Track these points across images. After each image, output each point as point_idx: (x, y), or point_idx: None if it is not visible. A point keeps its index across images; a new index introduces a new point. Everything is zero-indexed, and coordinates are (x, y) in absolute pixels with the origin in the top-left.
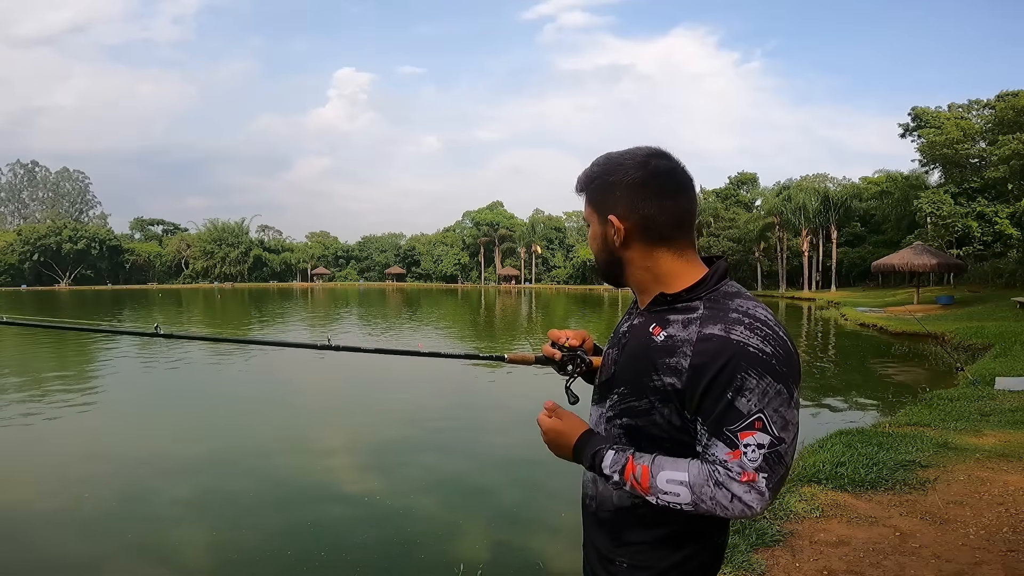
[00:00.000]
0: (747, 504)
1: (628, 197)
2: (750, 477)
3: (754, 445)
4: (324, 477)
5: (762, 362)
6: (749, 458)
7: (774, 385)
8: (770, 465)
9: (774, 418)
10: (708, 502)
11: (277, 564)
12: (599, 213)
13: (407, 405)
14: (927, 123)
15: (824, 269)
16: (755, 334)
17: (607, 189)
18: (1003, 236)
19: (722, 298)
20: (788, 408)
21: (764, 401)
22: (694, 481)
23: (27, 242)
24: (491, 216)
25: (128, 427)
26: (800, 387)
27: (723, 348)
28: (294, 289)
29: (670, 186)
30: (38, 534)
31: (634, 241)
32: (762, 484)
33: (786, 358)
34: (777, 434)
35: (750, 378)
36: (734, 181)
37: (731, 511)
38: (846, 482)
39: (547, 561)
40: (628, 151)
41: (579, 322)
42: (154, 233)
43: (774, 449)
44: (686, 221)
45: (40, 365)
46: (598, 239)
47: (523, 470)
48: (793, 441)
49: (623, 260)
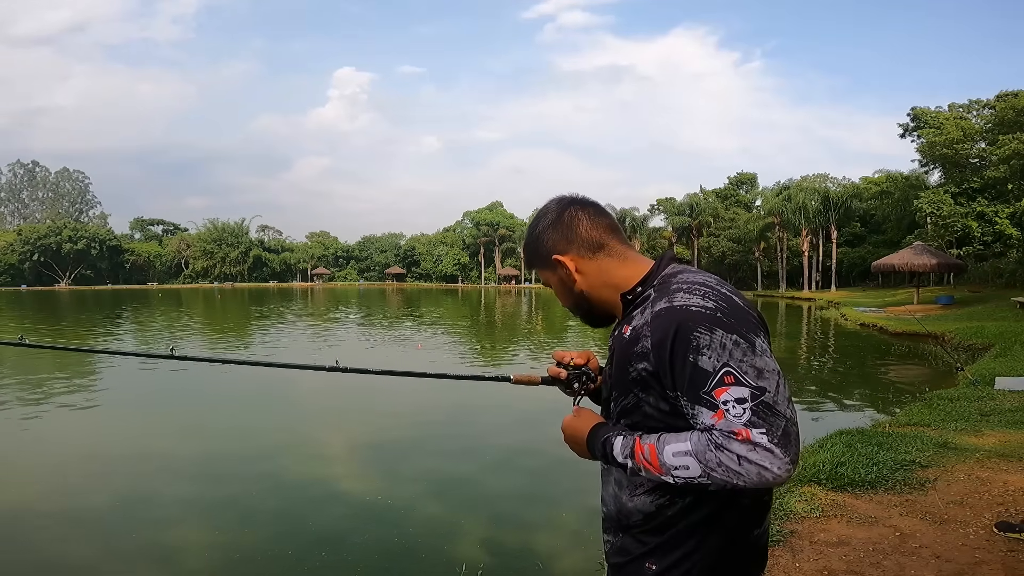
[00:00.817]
0: (759, 465)
1: (556, 235)
2: (744, 434)
3: (732, 400)
4: (325, 477)
5: (707, 317)
6: (733, 415)
7: (728, 336)
8: (763, 418)
9: (744, 368)
10: (718, 470)
11: (278, 564)
12: (547, 266)
13: (408, 406)
14: (927, 123)
15: (824, 269)
16: (694, 295)
17: (540, 241)
18: (1003, 236)
19: (667, 278)
20: (755, 356)
21: (724, 354)
22: (696, 449)
23: (27, 242)
24: (491, 216)
25: (128, 427)
26: (767, 340)
27: (670, 316)
28: (294, 289)
29: (578, 208)
30: (38, 534)
31: (583, 265)
32: (763, 439)
33: (732, 310)
34: (755, 383)
35: (702, 335)
36: (734, 181)
37: (747, 476)
38: (846, 482)
39: (547, 561)
40: (535, 215)
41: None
42: (154, 233)
43: (758, 400)
44: (611, 227)
45: (40, 365)
46: (562, 289)
47: (524, 471)
48: (779, 389)
49: (585, 292)
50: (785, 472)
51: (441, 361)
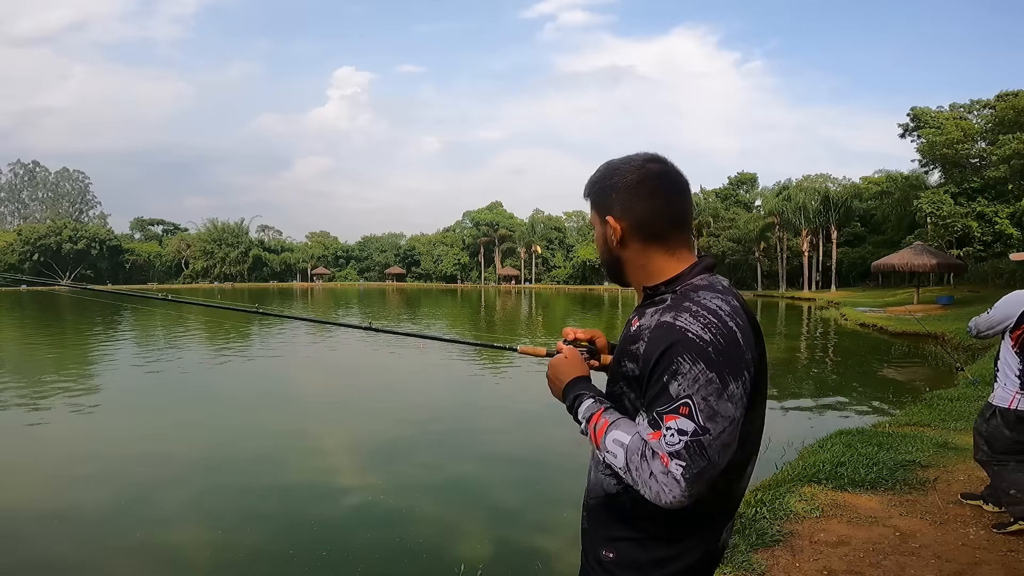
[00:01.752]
0: (662, 487)
1: (623, 199)
2: (665, 461)
3: (675, 429)
4: (325, 477)
5: (697, 348)
6: (667, 441)
7: (706, 373)
8: (690, 454)
9: (701, 406)
10: (634, 472)
11: (280, 564)
12: (600, 215)
13: (408, 405)
14: (927, 123)
15: (824, 269)
16: (698, 321)
17: (606, 192)
18: (1003, 236)
19: (690, 290)
20: (719, 399)
21: (694, 387)
22: (630, 447)
23: (27, 242)
24: (491, 216)
25: (129, 427)
26: (747, 384)
27: (668, 334)
28: (294, 289)
29: (663, 187)
30: (39, 534)
31: (630, 240)
32: (677, 471)
33: (725, 348)
34: (702, 423)
35: (684, 363)
36: (734, 181)
37: (649, 490)
38: (846, 482)
39: (548, 561)
40: (627, 157)
41: (579, 322)
42: (154, 233)
43: (696, 439)
44: (679, 220)
45: (40, 365)
46: (600, 240)
47: (524, 470)
48: (722, 435)
49: (622, 259)
50: (677, 503)
51: (442, 361)
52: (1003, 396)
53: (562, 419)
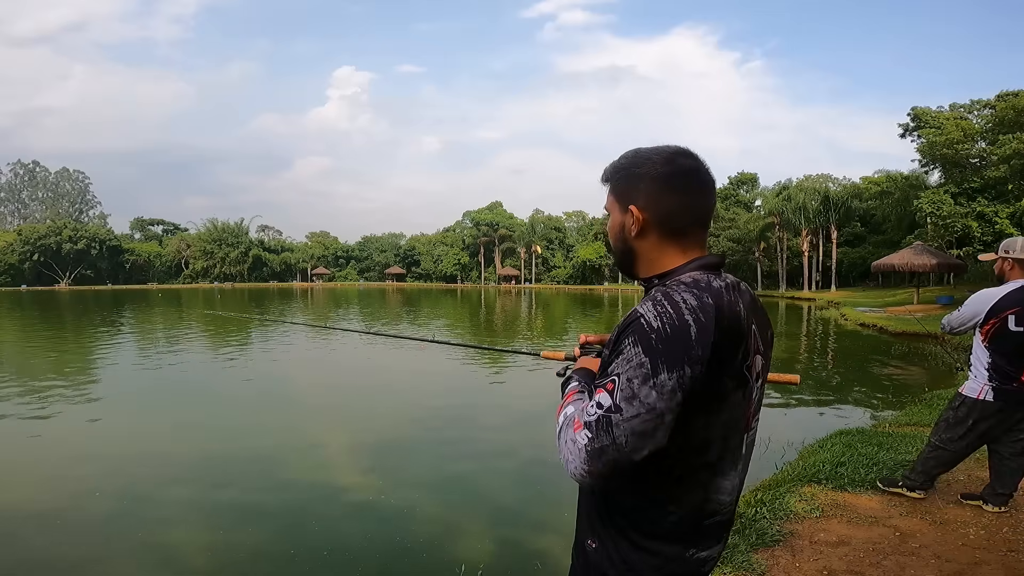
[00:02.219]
0: (567, 455)
1: (651, 190)
2: (577, 427)
3: (596, 402)
4: (326, 476)
5: (642, 332)
6: (587, 411)
7: (640, 356)
8: (596, 428)
9: (624, 385)
10: (558, 439)
11: (281, 564)
12: (621, 203)
13: (408, 405)
14: (927, 123)
15: (824, 269)
16: (655, 309)
17: (632, 180)
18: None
19: (672, 284)
20: (642, 384)
21: (624, 367)
22: (567, 415)
23: (27, 242)
24: (491, 216)
25: (129, 427)
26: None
27: (628, 319)
28: (294, 289)
29: (691, 184)
30: (39, 534)
31: (649, 233)
32: (582, 440)
33: (668, 337)
34: (617, 401)
35: (627, 344)
36: (734, 181)
37: (561, 455)
38: (846, 482)
39: (548, 561)
40: (656, 148)
41: (579, 322)
42: (154, 233)
43: (608, 415)
44: (702, 219)
45: (40, 365)
46: (616, 229)
47: (525, 470)
48: (633, 420)
49: (635, 250)
50: (579, 476)
51: (441, 360)
52: (973, 387)
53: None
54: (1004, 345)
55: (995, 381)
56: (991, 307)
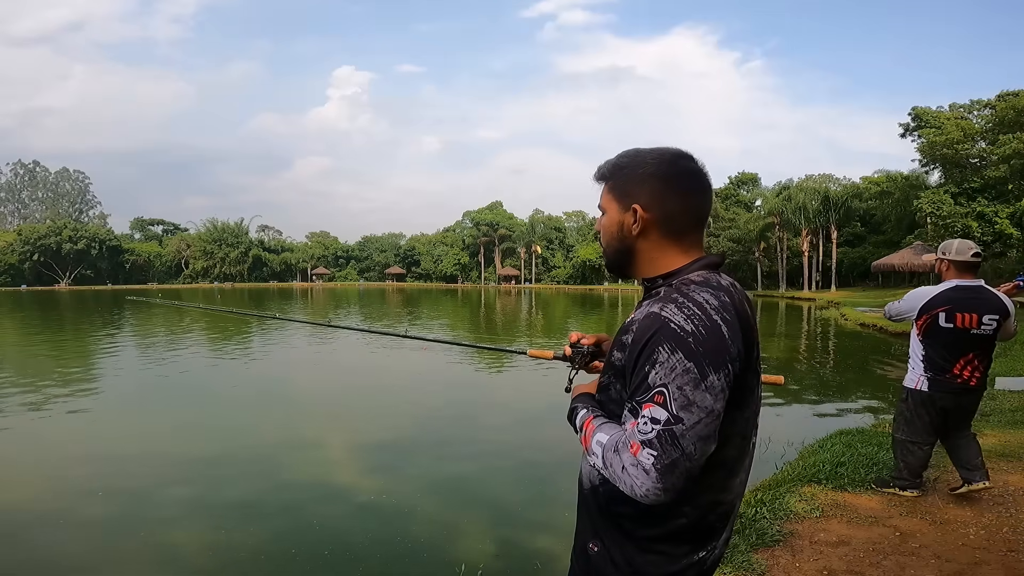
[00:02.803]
0: (633, 479)
1: (655, 190)
2: (635, 449)
3: (649, 418)
4: (326, 477)
5: (677, 338)
6: (640, 429)
7: (684, 362)
8: (661, 444)
9: (676, 395)
10: (609, 468)
11: (283, 563)
12: (621, 202)
13: (408, 405)
14: (927, 123)
15: (824, 269)
16: (681, 312)
17: (635, 179)
18: (1003, 236)
19: (683, 284)
20: (695, 389)
21: (670, 376)
22: (607, 444)
23: (27, 242)
24: (491, 216)
25: (129, 427)
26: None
27: (652, 324)
28: (294, 289)
29: (695, 186)
30: (39, 534)
31: (651, 233)
32: (647, 461)
33: (706, 339)
34: (675, 412)
35: (663, 352)
36: (735, 181)
37: (623, 483)
38: (846, 482)
39: (548, 561)
40: (657, 149)
41: (579, 322)
42: (154, 233)
43: (669, 428)
44: (701, 220)
45: (40, 364)
46: (613, 228)
47: (525, 470)
48: (697, 426)
49: (635, 250)
50: (653, 496)
51: (442, 360)
52: (911, 378)
53: (562, 419)
54: (935, 339)
55: (929, 372)
56: (924, 304)
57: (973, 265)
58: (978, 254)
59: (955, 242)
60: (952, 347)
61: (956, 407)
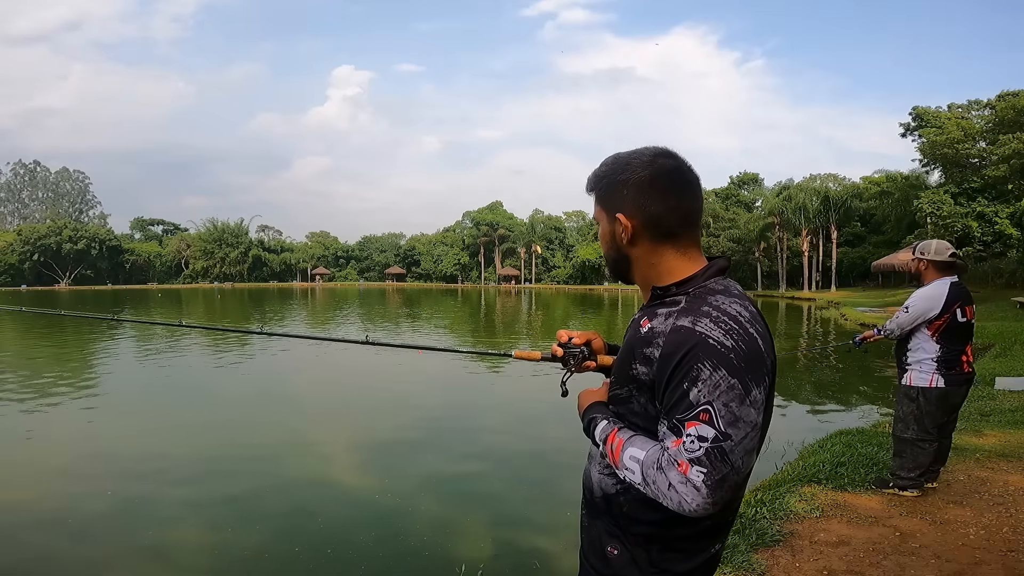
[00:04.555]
0: (682, 496)
1: (635, 195)
2: (684, 467)
3: (695, 436)
4: (327, 476)
5: (719, 354)
6: (687, 448)
7: (727, 379)
8: (711, 460)
9: (722, 412)
10: (652, 486)
11: (285, 562)
12: (607, 211)
13: (408, 405)
14: (928, 123)
15: (824, 269)
16: (719, 327)
17: (615, 188)
18: (1003, 236)
19: (705, 293)
20: (741, 405)
21: (714, 393)
22: (645, 461)
23: (27, 242)
24: (491, 216)
25: (129, 426)
26: (766, 389)
27: (687, 339)
28: (294, 289)
29: (676, 185)
30: (39, 534)
31: (640, 239)
32: (697, 478)
33: (747, 354)
34: (723, 429)
35: (704, 369)
36: (736, 181)
37: (669, 500)
38: (846, 482)
39: (548, 561)
40: (636, 151)
41: (579, 322)
42: (154, 233)
43: (717, 444)
44: (691, 219)
45: (40, 364)
46: (607, 237)
47: (525, 470)
48: (744, 441)
49: (630, 257)
50: (702, 511)
51: (441, 361)
52: (922, 378)
53: (562, 419)
54: (952, 336)
55: (943, 369)
56: (944, 303)
57: (951, 265)
58: (955, 254)
59: (933, 243)
60: (962, 341)
61: (962, 399)
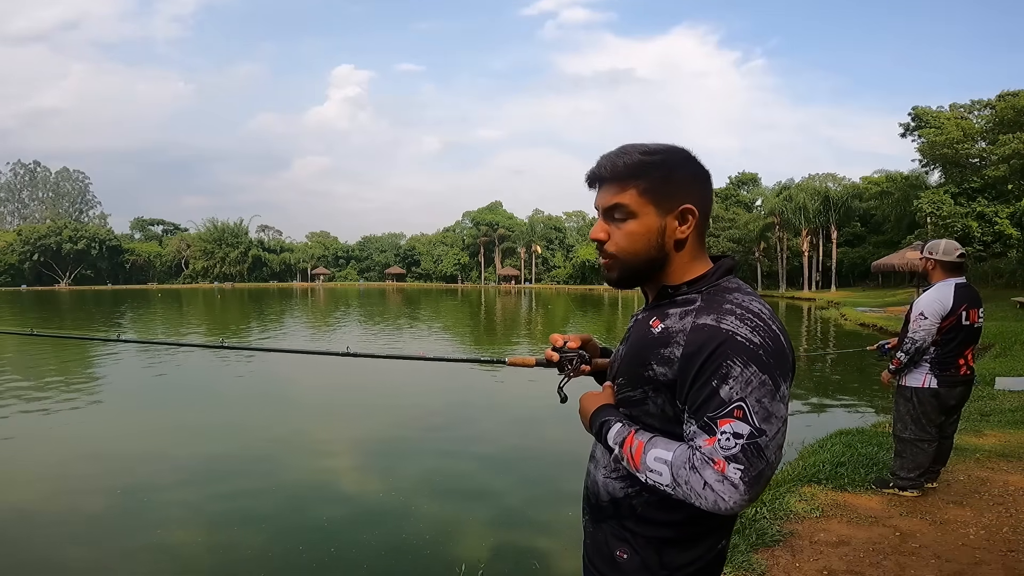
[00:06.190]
0: (719, 494)
1: (701, 189)
2: (721, 465)
3: (730, 433)
4: (327, 477)
5: (748, 351)
6: (723, 445)
7: (758, 375)
8: (747, 457)
9: (755, 408)
10: (684, 486)
11: (287, 561)
12: (662, 204)
13: (408, 406)
14: (928, 123)
15: (824, 269)
16: (745, 324)
17: (677, 178)
18: (1003, 236)
19: (720, 292)
20: (772, 401)
21: (747, 390)
22: (675, 461)
23: (27, 242)
24: (491, 216)
25: (130, 426)
26: (791, 385)
27: (712, 337)
28: (294, 289)
29: (710, 181)
30: (39, 534)
31: (692, 235)
32: (735, 475)
33: (775, 350)
34: (758, 425)
35: (735, 366)
36: (735, 181)
37: (704, 500)
38: (846, 482)
39: (548, 561)
40: (667, 145)
41: (579, 322)
42: (154, 233)
43: (753, 440)
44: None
45: (40, 364)
46: (650, 234)
47: (525, 470)
48: (777, 436)
49: (671, 257)
50: (738, 508)
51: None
52: (916, 378)
53: (562, 419)
54: (954, 337)
55: (936, 369)
56: (952, 305)
57: (959, 266)
58: (963, 255)
59: (942, 243)
60: (964, 343)
61: (960, 400)
